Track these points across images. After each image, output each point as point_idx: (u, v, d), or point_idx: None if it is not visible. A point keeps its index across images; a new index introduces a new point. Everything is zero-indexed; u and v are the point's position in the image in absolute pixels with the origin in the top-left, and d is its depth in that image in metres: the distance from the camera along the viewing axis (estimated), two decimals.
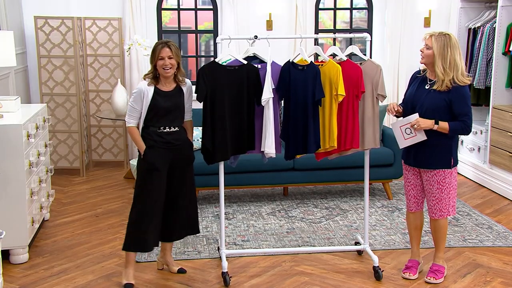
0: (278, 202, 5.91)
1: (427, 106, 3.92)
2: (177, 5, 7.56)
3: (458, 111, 3.89)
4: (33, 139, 4.65)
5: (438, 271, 4.14)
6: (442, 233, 4.13)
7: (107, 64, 7.10)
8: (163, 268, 4.33)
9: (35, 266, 4.42)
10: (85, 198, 6.08)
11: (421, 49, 3.97)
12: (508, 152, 5.96)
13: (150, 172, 3.99)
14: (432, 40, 3.87)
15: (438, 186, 4.00)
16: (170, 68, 3.94)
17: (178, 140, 4.04)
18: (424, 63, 3.98)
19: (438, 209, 4.05)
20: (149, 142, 3.99)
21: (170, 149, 4.01)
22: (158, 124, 3.99)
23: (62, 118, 6.93)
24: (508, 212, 5.63)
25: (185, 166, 4.11)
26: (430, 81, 3.99)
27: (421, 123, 3.88)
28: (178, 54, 3.99)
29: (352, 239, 4.90)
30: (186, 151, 4.11)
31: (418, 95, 3.99)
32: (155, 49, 3.95)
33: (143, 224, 4.00)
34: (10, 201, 4.36)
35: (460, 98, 3.88)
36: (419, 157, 4.02)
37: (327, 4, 7.83)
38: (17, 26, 6.77)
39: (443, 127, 3.88)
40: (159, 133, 3.99)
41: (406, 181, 4.20)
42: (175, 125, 4.02)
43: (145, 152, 3.98)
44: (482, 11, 6.84)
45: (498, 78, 6.24)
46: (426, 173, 4.04)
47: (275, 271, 4.32)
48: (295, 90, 4.05)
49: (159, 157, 3.98)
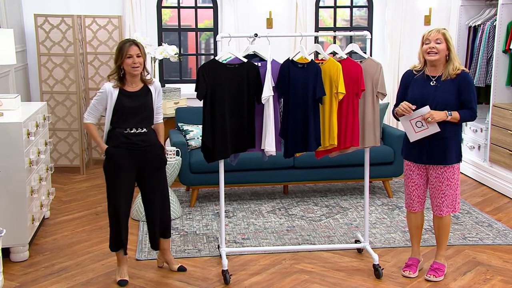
0: (278, 200, 5.91)
1: (440, 101, 3.94)
2: (177, 3, 7.55)
3: (466, 97, 3.96)
4: (33, 137, 4.64)
5: (439, 269, 4.14)
6: (446, 230, 4.14)
7: (107, 62, 7.09)
8: (163, 266, 4.33)
9: (36, 264, 4.42)
10: (85, 196, 6.08)
11: (431, 46, 3.93)
12: (508, 150, 5.96)
13: (115, 172, 3.96)
14: (446, 34, 3.93)
15: (448, 182, 4.02)
16: (139, 66, 3.88)
17: (146, 141, 3.98)
18: (437, 59, 3.95)
19: (445, 206, 4.06)
20: (114, 142, 3.95)
21: (136, 151, 3.95)
22: (124, 125, 3.93)
23: (62, 116, 6.92)
24: (508, 210, 5.63)
25: (154, 169, 4.05)
26: (434, 77, 3.99)
27: (435, 115, 3.89)
28: (145, 52, 3.95)
29: (352, 237, 4.89)
30: (155, 154, 4.04)
31: (427, 93, 3.98)
32: (122, 47, 3.87)
33: (118, 224, 4.02)
34: (11, 199, 4.36)
35: (468, 84, 3.97)
36: (435, 153, 3.99)
37: (327, 2, 7.82)
38: (17, 24, 6.77)
39: (455, 117, 3.93)
40: (125, 134, 3.93)
41: (409, 181, 4.16)
42: (142, 126, 3.96)
43: (109, 152, 3.95)
44: (482, 9, 6.83)
45: (498, 76, 6.23)
46: (436, 170, 4.03)
47: (275, 269, 4.32)
48: (294, 88, 4.04)
49: (124, 157, 3.94)
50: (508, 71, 6.18)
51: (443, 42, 3.92)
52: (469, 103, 3.96)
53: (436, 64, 3.99)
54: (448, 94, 3.94)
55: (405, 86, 4.12)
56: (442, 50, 3.93)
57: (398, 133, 6.02)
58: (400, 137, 5.90)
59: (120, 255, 4.11)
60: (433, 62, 3.98)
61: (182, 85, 7.13)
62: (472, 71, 6.67)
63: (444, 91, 3.94)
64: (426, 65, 4.04)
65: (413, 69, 4.11)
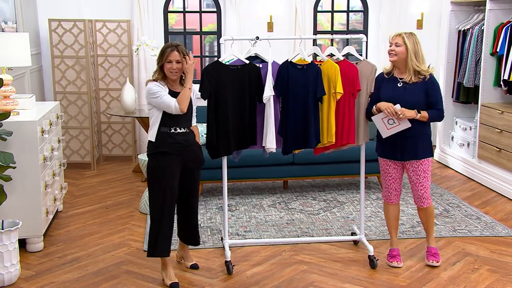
0: (278, 195, 5.90)
1: (409, 101, 3.96)
2: (183, 8, 7.54)
3: (433, 99, 4.01)
4: (47, 135, 4.64)
5: (436, 254, 4.23)
6: (432, 217, 4.24)
7: (116, 64, 7.09)
8: (181, 261, 4.25)
9: (50, 254, 4.43)
10: (96, 190, 6.08)
11: (391, 49, 4.00)
12: (496, 147, 5.96)
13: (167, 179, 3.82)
14: (404, 38, 3.96)
15: (424, 174, 4.07)
16: (177, 72, 3.79)
17: (188, 141, 3.88)
18: (395, 60, 4.01)
19: (426, 197, 4.11)
20: (162, 147, 3.79)
21: (181, 151, 3.83)
22: (169, 124, 3.80)
23: (74, 115, 6.92)
24: (495, 204, 5.63)
25: (194, 167, 3.96)
26: (401, 79, 4.04)
27: (406, 112, 3.93)
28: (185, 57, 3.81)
29: (349, 230, 4.89)
30: (197, 152, 3.96)
31: (397, 93, 4.01)
32: (164, 51, 3.76)
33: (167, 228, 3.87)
34: (26, 193, 4.37)
35: (435, 87, 4.02)
36: (407, 150, 4.04)
37: (325, 6, 7.81)
38: (32, 28, 6.77)
39: (424, 116, 3.97)
40: (171, 134, 3.81)
41: (387, 175, 4.18)
42: (185, 126, 3.86)
43: (158, 162, 3.80)
44: (471, 14, 6.82)
45: (486, 77, 6.22)
46: (412, 164, 4.07)
47: (276, 260, 4.32)
48: (294, 88, 4.03)
49: (172, 164, 3.81)
50: (496, 72, 6.17)
51: (402, 45, 3.96)
52: (437, 104, 4.01)
53: (399, 66, 4.04)
54: (416, 95, 3.98)
55: (377, 87, 4.14)
56: (400, 52, 3.97)
57: None
58: None
59: (164, 259, 3.94)
60: (393, 63, 4.06)
61: None
62: (462, 72, 6.66)
63: (413, 93, 3.98)
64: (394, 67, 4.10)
65: (384, 71, 4.15)
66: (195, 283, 3.95)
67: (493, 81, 6.20)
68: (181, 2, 7.55)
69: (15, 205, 4.31)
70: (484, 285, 3.92)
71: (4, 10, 5.80)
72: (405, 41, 3.95)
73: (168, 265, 3.95)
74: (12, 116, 4.33)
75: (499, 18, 6.14)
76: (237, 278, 4.04)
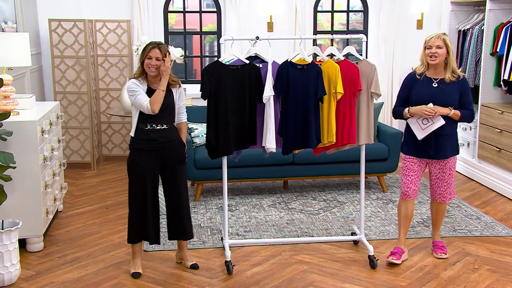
0: (278, 195, 5.90)
1: (445, 101, 4.05)
2: (183, 8, 7.54)
3: (465, 99, 4.13)
4: (47, 134, 4.64)
5: (444, 247, 4.35)
6: (444, 213, 4.41)
7: (116, 64, 7.09)
8: (181, 262, 4.26)
9: (50, 254, 4.43)
10: (96, 190, 6.08)
11: (433, 51, 4.04)
12: (496, 147, 5.96)
13: (138, 174, 3.95)
14: (445, 40, 4.06)
15: (450, 172, 4.21)
16: (156, 68, 3.85)
17: (167, 138, 3.93)
18: (437, 63, 4.06)
19: (448, 193, 4.26)
20: (137, 143, 3.93)
21: (157, 148, 3.90)
22: (146, 121, 3.88)
23: (74, 115, 6.92)
24: (495, 204, 5.63)
25: (174, 163, 3.99)
26: (435, 79, 4.10)
27: (439, 109, 4.02)
28: (169, 57, 3.87)
29: (349, 230, 4.89)
30: (176, 149, 4.00)
31: (434, 93, 4.08)
32: (146, 48, 3.87)
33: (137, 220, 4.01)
34: (26, 193, 4.37)
35: (467, 88, 4.16)
36: (441, 148, 4.12)
37: (325, 6, 7.80)
38: (32, 28, 6.76)
39: (456, 114, 4.08)
40: (146, 131, 3.88)
41: (410, 171, 4.20)
42: (163, 123, 3.91)
43: (133, 157, 3.96)
44: (471, 14, 6.82)
45: (486, 77, 6.22)
46: (440, 162, 4.18)
47: (276, 260, 4.32)
48: (294, 88, 4.03)
49: (146, 160, 3.92)
50: (496, 72, 6.17)
51: (443, 47, 4.05)
52: (469, 104, 4.14)
53: (437, 67, 4.10)
54: (452, 94, 4.08)
55: (408, 87, 4.18)
56: (442, 54, 4.06)
57: (392, 131, 6.01)
58: (394, 135, 5.91)
59: (135, 248, 4.08)
60: (435, 66, 4.09)
61: (188, 86, 7.11)
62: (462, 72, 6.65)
63: (449, 93, 4.07)
64: (428, 68, 4.13)
65: (417, 72, 4.17)
66: (195, 283, 3.95)
67: (493, 81, 6.20)
68: (181, 2, 7.55)
69: (15, 205, 4.31)
70: (484, 285, 3.92)
71: (4, 10, 5.80)
72: (446, 42, 4.05)
73: (135, 255, 4.09)
74: (12, 116, 4.33)
75: (499, 18, 6.14)
76: (237, 278, 4.04)
